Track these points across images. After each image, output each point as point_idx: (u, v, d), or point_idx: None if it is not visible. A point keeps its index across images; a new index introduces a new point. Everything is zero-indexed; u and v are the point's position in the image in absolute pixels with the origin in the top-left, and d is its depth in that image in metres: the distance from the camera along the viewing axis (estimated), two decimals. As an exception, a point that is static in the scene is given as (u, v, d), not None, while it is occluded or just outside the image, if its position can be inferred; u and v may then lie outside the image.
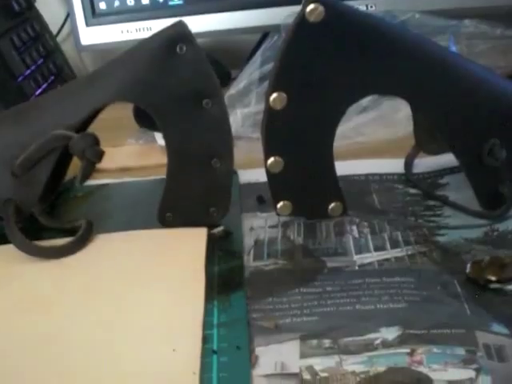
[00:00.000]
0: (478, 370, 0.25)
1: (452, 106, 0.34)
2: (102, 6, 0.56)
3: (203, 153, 0.35)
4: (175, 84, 0.34)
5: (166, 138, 0.35)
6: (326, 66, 0.32)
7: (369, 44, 0.32)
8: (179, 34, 0.34)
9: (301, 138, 0.34)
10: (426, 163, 0.42)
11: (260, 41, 0.61)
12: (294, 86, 0.33)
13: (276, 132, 0.34)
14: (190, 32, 0.34)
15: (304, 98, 0.33)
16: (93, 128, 0.56)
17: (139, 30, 0.55)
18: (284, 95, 0.33)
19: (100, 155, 0.33)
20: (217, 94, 0.35)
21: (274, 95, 0.33)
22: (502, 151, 0.34)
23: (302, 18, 0.31)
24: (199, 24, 0.56)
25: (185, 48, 0.34)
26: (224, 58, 0.62)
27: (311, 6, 0.31)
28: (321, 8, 0.31)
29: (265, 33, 0.58)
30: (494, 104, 0.35)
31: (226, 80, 0.58)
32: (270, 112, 0.33)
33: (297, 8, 0.39)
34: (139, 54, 0.35)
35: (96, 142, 0.33)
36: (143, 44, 0.35)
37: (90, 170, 0.33)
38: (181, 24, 0.34)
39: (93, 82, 0.36)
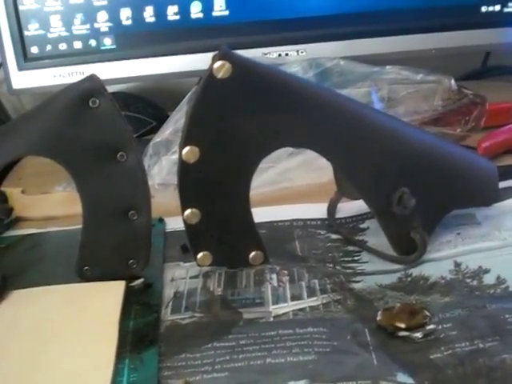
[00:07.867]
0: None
1: (361, 157, 0.35)
2: (34, 50, 0.56)
3: (119, 205, 0.35)
4: (88, 137, 0.34)
5: (79, 191, 0.35)
6: (235, 121, 0.33)
7: (277, 98, 0.33)
8: (92, 88, 0.34)
9: (215, 189, 0.34)
10: (349, 208, 0.43)
11: (197, 83, 0.62)
12: (205, 139, 0.33)
13: (191, 184, 0.34)
14: (102, 86, 0.34)
15: (216, 151, 0.34)
16: (22, 173, 0.56)
17: (71, 74, 0.55)
18: (196, 149, 0.33)
19: (8, 212, 0.33)
20: (131, 147, 0.34)
21: (187, 149, 0.33)
22: (411, 199, 0.35)
23: (210, 75, 0.32)
24: (131, 68, 0.56)
25: (98, 102, 0.34)
26: (162, 100, 0.62)
27: (218, 63, 0.32)
28: (228, 65, 0.32)
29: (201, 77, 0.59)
30: (403, 153, 0.36)
31: (163, 122, 0.58)
32: (183, 165, 0.34)
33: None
34: (52, 108, 0.34)
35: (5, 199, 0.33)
36: (56, 98, 0.35)
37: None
38: (93, 78, 0.34)
39: (5, 136, 0.35)
